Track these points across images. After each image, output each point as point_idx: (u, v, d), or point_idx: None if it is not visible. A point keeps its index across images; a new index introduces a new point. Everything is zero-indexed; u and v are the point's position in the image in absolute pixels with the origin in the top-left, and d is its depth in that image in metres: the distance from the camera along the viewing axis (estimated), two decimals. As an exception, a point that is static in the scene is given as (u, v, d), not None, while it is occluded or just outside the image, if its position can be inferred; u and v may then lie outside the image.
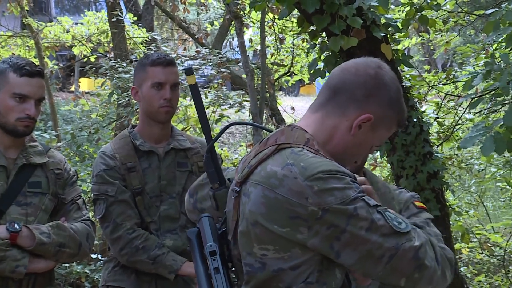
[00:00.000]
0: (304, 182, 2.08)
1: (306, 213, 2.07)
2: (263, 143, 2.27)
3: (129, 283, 3.76)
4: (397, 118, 2.29)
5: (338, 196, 2.07)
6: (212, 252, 2.27)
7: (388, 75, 2.27)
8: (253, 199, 2.17)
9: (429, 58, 17.37)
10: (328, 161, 2.14)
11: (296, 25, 5.11)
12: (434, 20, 5.53)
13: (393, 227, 2.08)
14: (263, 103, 7.79)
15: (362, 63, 2.29)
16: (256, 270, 2.19)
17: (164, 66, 3.73)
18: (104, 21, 10.63)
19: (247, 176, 2.23)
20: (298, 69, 10.61)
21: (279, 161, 2.15)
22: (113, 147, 3.78)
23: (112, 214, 3.68)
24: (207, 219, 2.37)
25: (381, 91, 2.24)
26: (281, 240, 2.12)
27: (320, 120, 2.26)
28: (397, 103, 2.27)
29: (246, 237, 2.20)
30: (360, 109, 2.22)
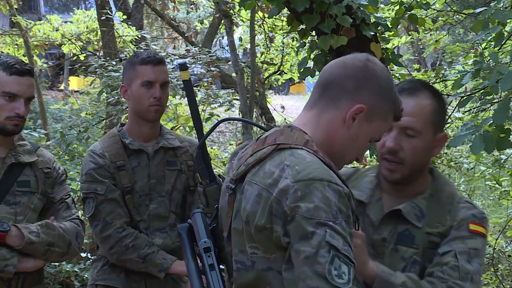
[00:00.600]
0: (292, 183, 2.08)
1: (281, 212, 2.09)
2: (260, 142, 2.27)
3: (119, 282, 3.76)
4: (392, 108, 2.27)
5: (311, 210, 2.05)
6: (207, 249, 2.28)
7: (377, 66, 2.27)
8: (248, 198, 2.18)
9: (419, 57, 17.38)
10: (324, 169, 2.13)
11: (286, 23, 5.11)
12: (423, 19, 5.53)
13: (326, 273, 2.00)
14: (253, 101, 7.79)
15: (350, 57, 2.30)
16: (247, 268, 2.20)
17: (154, 65, 3.73)
18: (93, 20, 10.63)
19: (244, 174, 2.24)
20: (288, 67, 10.62)
21: (277, 162, 2.16)
22: (102, 146, 3.77)
23: (102, 212, 3.67)
24: (200, 214, 2.38)
25: (371, 81, 2.23)
26: (268, 240, 2.13)
27: (315, 117, 2.26)
28: (390, 93, 2.26)
29: (239, 234, 2.22)
30: (352, 100, 2.22)
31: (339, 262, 2.01)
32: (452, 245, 2.56)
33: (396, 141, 2.59)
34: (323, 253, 2.01)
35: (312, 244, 2.02)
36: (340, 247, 2.02)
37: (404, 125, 2.57)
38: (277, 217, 2.09)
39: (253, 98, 7.79)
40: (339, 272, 2.00)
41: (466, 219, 2.61)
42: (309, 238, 2.02)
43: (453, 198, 2.67)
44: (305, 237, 2.03)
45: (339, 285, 1.99)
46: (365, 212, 2.68)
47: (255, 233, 2.14)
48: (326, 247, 2.01)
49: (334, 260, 2.01)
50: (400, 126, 2.57)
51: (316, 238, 2.02)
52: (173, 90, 7.46)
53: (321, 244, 2.01)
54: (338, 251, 2.02)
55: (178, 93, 7.86)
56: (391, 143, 2.59)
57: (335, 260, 2.01)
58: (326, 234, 2.02)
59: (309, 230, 2.03)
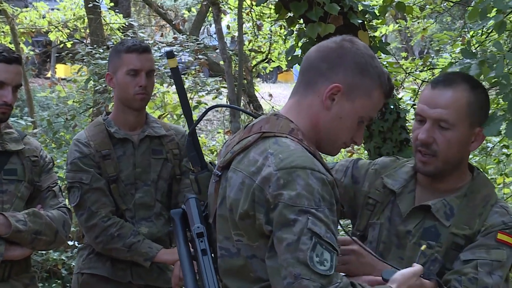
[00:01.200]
0: (275, 171, 2.09)
1: (264, 200, 2.10)
2: (247, 130, 2.28)
3: (104, 271, 3.77)
4: (375, 83, 2.25)
5: (293, 198, 2.05)
6: (200, 234, 2.29)
7: (355, 44, 2.26)
8: (233, 186, 2.19)
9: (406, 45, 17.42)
10: (307, 157, 2.13)
11: (274, 11, 5.11)
12: (411, 7, 5.52)
13: (307, 259, 2.00)
14: (241, 89, 7.78)
15: (327, 41, 2.30)
16: (232, 255, 2.21)
17: (140, 53, 3.71)
18: (80, 7, 10.59)
19: (230, 161, 2.25)
20: (276, 56, 10.62)
21: (261, 150, 2.17)
22: (88, 135, 3.76)
23: (87, 202, 3.67)
24: (194, 200, 2.40)
25: (345, 58, 2.22)
26: (251, 228, 2.14)
27: (296, 103, 2.27)
28: (369, 68, 2.24)
29: (224, 221, 2.22)
30: (327, 81, 2.22)
31: (321, 249, 2.02)
32: (475, 254, 2.50)
33: (428, 133, 2.55)
34: (305, 240, 2.01)
35: (294, 232, 2.02)
36: (323, 234, 2.02)
37: (437, 117, 2.54)
38: (259, 205, 2.10)
39: (241, 86, 7.78)
40: (321, 259, 2.01)
41: (495, 225, 2.54)
42: (291, 225, 2.03)
43: (487, 201, 2.60)
44: (287, 225, 2.04)
45: (321, 271, 2.00)
46: (395, 202, 2.65)
47: (239, 220, 2.16)
48: (308, 234, 2.01)
49: (316, 247, 2.01)
50: (433, 118, 2.54)
51: (298, 226, 2.02)
52: (161, 78, 7.45)
53: (303, 231, 2.02)
54: (321, 238, 2.02)
55: (166, 81, 7.84)
56: (423, 135, 2.55)
57: (317, 247, 2.01)
58: (308, 221, 2.02)
59: (291, 217, 2.04)
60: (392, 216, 2.63)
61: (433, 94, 2.57)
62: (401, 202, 2.65)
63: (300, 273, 2.00)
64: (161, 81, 7.50)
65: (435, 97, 2.56)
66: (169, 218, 3.86)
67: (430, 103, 2.56)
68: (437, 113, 2.53)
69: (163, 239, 3.81)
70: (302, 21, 4.80)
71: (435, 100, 2.55)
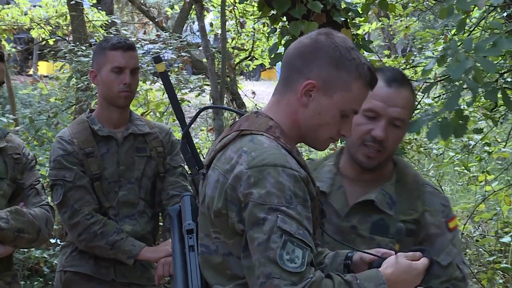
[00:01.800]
0: (245, 170, 2.11)
1: (236, 199, 2.12)
2: (230, 128, 2.30)
3: (87, 268, 3.76)
4: (353, 76, 2.22)
5: (263, 196, 2.06)
6: (190, 230, 2.32)
7: (329, 38, 2.24)
8: (210, 183, 2.22)
9: (389, 43, 17.47)
10: (280, 154, 2.13)
11: (257, 9, 5.11)
12: (393, 5, 5.55)
13: (277, 258, 2.02)
14: (224, 87, 7.77)
15: (304, 36, 2.30)
16: (212, 252, 2.22)
17: (124, 51, 3.70)
18: (62, 4, 10.52)
19: (212, 159, 2.27)
20: (259, 53, 10.62)
21: (237, 147, 2.18)
22: (71, 132, 3.75)
23: (70, 199, 3.65)
24: (189, 197, 2.42)
25: (318, 54, 2.21)
26: (225, 226, 2.15)
27: (276, 101, 2.28)
28: (344, 61, 2.21)
29: (204, 218, 2.24)
30: (302, 78, 2.22)
31: (292, 247, 2.03)
32: (449, 254, 2.60)
33: (385, 132, 2.59)
34: (274, 238, 2.02)
35: (264, 230, 2.04)
36: (294, 231, 2.03)
37: (395, 116, 2.59)
38: (232, 204, 2.12)
39: (224, 83, 7.77)
40: (291, 256, 2.02)
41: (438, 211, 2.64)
42: (261, 224, 2.05)
43: (417, 182, 2.70)
44: (257, 224, 2.06)
45: (291, 269, 2.01)
46: (327, 202, 2.68)
47: (214, 218, 2.18)
48: (278, 232, 2.03)
49: (286, 244, 2.02)
50: (390, 116, 2.58)
51: (267, 224, 2.04)
52: (144, 76, 7.44)
53: (272, 229, 2.03)
54: (291, 235, 2.03)
55: (149, 79, 7.83)
56: (381, 133, 2.58)
57: (287, 245, 2.02)
58: (277, 220, 2.03)
59: (260, 216, 2.05)
60: (328, 216, 2.62)
61: (390, 93, 2.61)
62: (333, 200, 2.69)
63: (271, 272, 2.02)
64: (144, 78, 7.49)
65: (393, 96, 2.60)
66: (152, 216, 3.88)
67: (388, 102, 2.60)
68: (396, 112, 2.59)
69: (146, 237, 3.80)
70: (285, 18, 4.80)
71: (393, 99, 2.60)
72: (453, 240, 2.62)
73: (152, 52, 8.07)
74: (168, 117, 8.40)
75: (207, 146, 11.00)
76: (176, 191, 3.83)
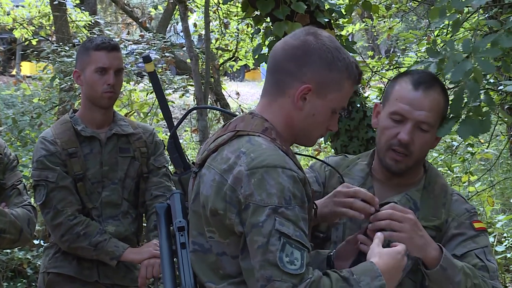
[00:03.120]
0: (246, 171, 2.10)
1: (236, 200, 2.11)
2: (224, 128, 2.30)
3: (71, 270, 3.74)
4: (344, 75, 2.24)
5: (264, 198, 2.07)
6: (181, 228, 2.32)
7: (318, 38, 2.24)
8: (206, 183, 2.21)
9: (373, 44, 17.52)
10: (278, 155, 2.14)
11: (241, 10, 5.11)
12: (377, 6, 5.57)
13: (277, 260, 2.03)
14: (208, 88, 7.78)
15: (288, 37, 2.29)
16: (206, 250, 2.22)
17: (109, 51, 3.70)
18: (46, 4, 10.52)
19: (205, 158, 2.27)
20: (243, 54, 10.65)
21: (234, 148, 2.18)
22: (54, 132, 3.73)
23: (53, 200, 3.64)
24: (179, 195, 2.42)
25: (311, 57, 2.22)
26: (221, 225, 2.15)
27: (268, 104, 2.27)
28: (336, 62, 2.23)
29: (197, 217, 2.24)
30: (296, 82, 2.22)
31: (291, 249, 2.04)
32: (466, 246, 2.57)
33: (410, 135, 2.56)
34: (273, 241, 2.04)
35: (263, 233, 2.05)
36: (291, 233, 2.04)
37: (421, 120, 2.56)
38: (231, 205, 2.12)
39: (208, 84, 7.78)
40: (291, 258, 2.03)
41: (460, 214, 2.62)
42: (260, 227, 2.05)
43: (446, 191, 2.67)
44: (256, 226, 2.06)
45: (291, 271, 2.02)
46: None
47: (210, 216, 2.17)
48: (276, 235, 2.04)
49: (285, 247, 2.04)
50: (416, 120, 2.56)
51: (266, 227, 2.05)
52: (127, 76, 7.44)
53: (271, 232, 2.04)
54: (289, 237, 2.04)
55: (132, 79, 7.84)
56: (406, 137, 2.56)
57: (286, 247, 2.04)
58: (275, 223, 2.04)
59: (260, 219, 2.06)
60: None
61: (416, 96, 2.57)
62: None
63: (271, 275, 2.03)
64: (128, 79, 7.49)
65: (420, 99, 2.57)
66: (136, 217, 3.87)
67: (414, 105, 2.56)
68: (422, 116, 2.55)
69: (130, 238, 3.80)
70: (269, 19, 4.82)
71: (419, 102, 2.56)
72: (476, 238, 2.58)
73: (136, 52, 8.07)
74: (152, 117, 8.41)
75: (191, 146, 11.01)
76: (159, 192, 3.83)
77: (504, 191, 10.20)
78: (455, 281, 2.42)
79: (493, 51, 2.86)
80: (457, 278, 2.43)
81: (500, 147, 8.77)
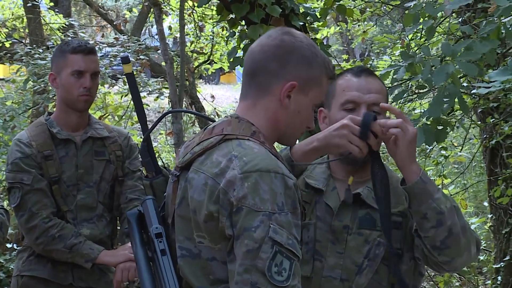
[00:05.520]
0: (239, 175, 2.10)
1: (228, 203, 2.10)
2: (208, 131, 2.28)
3: (45, 273, 3.73)
4: (322, 71, 2.28)
5: (257, 203, 2.06)
6: (158, 234, 2.28)
7: (294, 36, 2.27)
8: (195, 187, 2.18)
9: (347, 48, 17.61)
10: (271, 159, 2.14)
11: (216, 13, 5.14)
12: (351, 10, 5.62)
13: (266, 269, 2.02)
14: (183, 90, 7.80)
15: (265, 38, 2.30)
16: (194, 256, 2.20)
17: (85, 54, 3.70)
18: (19, 6, 10.48)
19: (190, 162, 2.24)
20: (218, 57, 10.67)
21: (225, 151, 2.17)
22: (29, 135, 3.72)
23: (28, 203, 3.63)
24: (152, 201, 2.39)
25: (292, 54, 2.24)
26: (215, 230, 2.13)
27: (251, 107, 2.27)
28: (315, 58, 2.27)
29: (185, 222, 2.22)
30: (281, 81, 2.23)
31: (281, 258, 2.03)
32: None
33: None
34: (265, 248, 2.03)
35: (255, 239, 2.04)
36: (284, 242, 2.04)
37: (373, 101, 2.61)
38: (223, 208, 2.10)
39: (183, 87, 7.79)
40: (279, 268, 2.03)
41: None
42: (253, 231, 2.04)
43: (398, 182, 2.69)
44: (248, 230, 2.05)
45: (277, 283, 2.02)
46: (321, 200, 2.70)
47: (203, 222, 2.15)
48: (269, 242, 2.03)
49: (276, 256, 2.03)
50: (367, 103, 2.61)
51: (259, 233, 2.04)
52: (102, 79, 7.43)
53: (264, 239, 2.03)
54: (282, 246, 2.04)
55: (107, 82, 7.83)
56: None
57: (277, 256, 2.03)
58: (269, 230, 2.04)
59: (253, 223, 2.05)
60: (322, 215, 2.67)
61: (362, 82, 2.65)
62: (328, 199, 2.69)
63: (257, 281, 2.02)
64: (102, 81, 7.49)
65: (366, 84, 2.64)
66: (111, 220, 3.87)
67: (363, 89, 2.63)
68: (372, 98, 2.61)
69: (104, 241, 3.80)
70: (244, 22, 4.84)
71: (366, 86, 2.64)
72: None
73: (111, 55, 8.07)
74: (127, 120, 8.40)
75: (166, 149, 11.00)
76: (134, 195, 3.83)
77: (477, 194, 10.32)
78: (435, 197, 2.47)
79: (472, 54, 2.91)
80: (437, 194, 2.48)
81: (473, 151, 8.88)
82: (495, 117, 6.59)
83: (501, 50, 5.49)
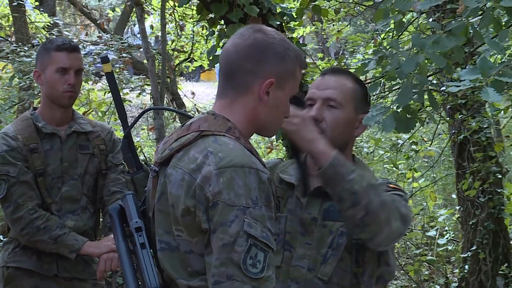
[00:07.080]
0: (215, 170, 2.12)
1: (204, 198, 2.12)
2: (185, 128, 2.29)
3: (30, 264, 3.77)
4: (295, 64, 2.32)
5: (232, 197, 2.09)
6: (138, 228, 2.31)
7: (266, 33, 2.29)
8: (173, 182, 2.21)
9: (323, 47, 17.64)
10: (245, 155, 2.17)
11: (196, 12, 5.16)
12: (326, 10, 5.64)
13: (241, 262, 2.06)
14: (164, 87, 7.85)
15: (237, 38, 2.32)
16: (173, 249, 2.22)
17: (69, 52, 3.75)
18: (5, 5, 10.46)
19: (168, 158, 2.27)
20: (198, 55, 10.62)
21: (201, 148, 2.19)
22: (15, 128, 3.76)
23: (14, 194, 3.67)
24: (132, 196, 2.42)
25: (266, 52, 2.27)
26: (192, 224, 2.16)
27: (228, 105, 2.29)
28: (288, 53, 2.30)
29: (164, 216, 2.25)
30: (258, 78, 2.25)
31: (255, 250, 2.07)
32: None
33: (318, 111, 2.69)
34: (240, 242, 2.06)
35: (230, 233, 2.07)
36: (258, 235, 2.08)
37: (327, 96, 2.70)
38: (199, 203, 2.12)
39: (164, 84, 7.85)
40: (254, 261, 2.07)
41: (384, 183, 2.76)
42: (228, 226, 2.07)
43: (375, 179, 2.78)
44: (224, 224, 2.08)
45: (252, 275, 2.06)
46: (293, 194, 2.76)
47: (180, 217, 2.17)
48: (244, 236, 2.06)
49: (251, 249, 2.07)
50: (322, 98, 2.70)
51: (234, 227, 2.07)
52: (86, 76, 7.49)
53: (239, 233, 2.06)
54: (256, 239, 2.07)
55: (91, 79, 7.89)
56: (313, 112, 2.68)
57: (252, 249, 2.07)
58: (244, 224, 2.07)
59: (228, 217, 2.08)
60: (294, 208, 2.75)
61: (322, 80, 2.78)
62: (299, 193, 2.77)
63: (232, 274, 2.05)
64: (86, 78, 7.54)
65: (325, 81, 2.76)
66: (94, 212, 3.93)
67: (320, 86, 2.75)
68: (327, 93, 2.71)
69: (88, 233, 3.85)
70: (223, 22, 4.87)
71: (324, 83, 2.75)
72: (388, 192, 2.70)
73: (94, 53, 8.11)
74: (110, 116, 8.45)
75: (148, 144, 11.06)
76: (117, 188, 3.88)
77: (446, 187, 10.42)
78: (347, 179, 2.51)
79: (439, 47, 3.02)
80: (350, 176, 2.52)
81: (442, 145, 8.97)
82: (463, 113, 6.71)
83: (469, 49, 5.67)
